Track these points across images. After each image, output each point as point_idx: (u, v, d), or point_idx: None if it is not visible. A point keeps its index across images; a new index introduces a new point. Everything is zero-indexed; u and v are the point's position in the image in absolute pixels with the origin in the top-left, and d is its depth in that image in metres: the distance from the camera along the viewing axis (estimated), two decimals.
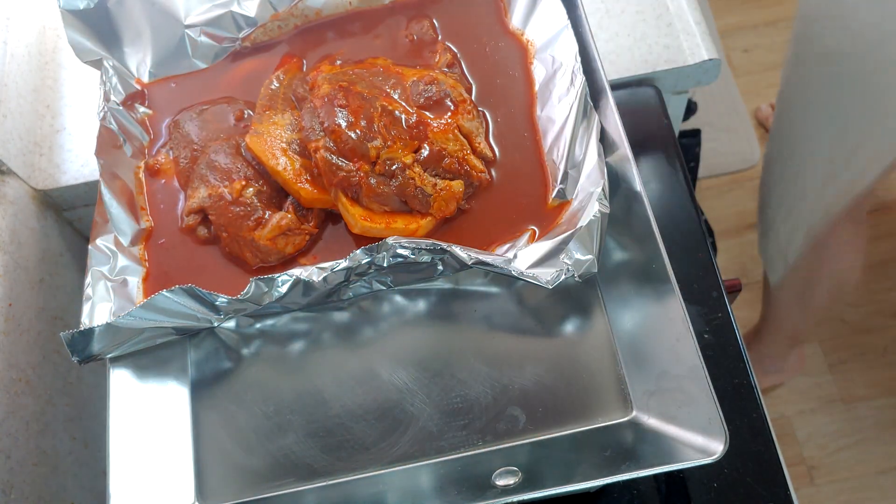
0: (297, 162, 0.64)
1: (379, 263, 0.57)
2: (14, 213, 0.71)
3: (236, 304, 0.57)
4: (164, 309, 0.56)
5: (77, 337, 0.56)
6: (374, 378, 0.59)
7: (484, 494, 0.52)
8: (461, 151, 0.64)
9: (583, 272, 0.57)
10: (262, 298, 0.57)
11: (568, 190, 0.62)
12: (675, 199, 0.73)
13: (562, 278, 0.56)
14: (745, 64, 1.91)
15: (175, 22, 0.73)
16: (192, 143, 0.69)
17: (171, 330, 0.59)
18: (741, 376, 0.65)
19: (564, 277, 0.57)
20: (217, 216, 0.64)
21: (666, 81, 0.79)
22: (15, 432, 0.63)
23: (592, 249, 0.57)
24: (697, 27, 0.79)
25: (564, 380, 0.59)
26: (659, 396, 0.57)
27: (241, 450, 0.57)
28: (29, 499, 0.63)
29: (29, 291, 0.70)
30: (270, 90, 0.69)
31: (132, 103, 0.71)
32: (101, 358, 0.58)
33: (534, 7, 0.70)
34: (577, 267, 0.57)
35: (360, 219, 0.62)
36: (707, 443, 0.51)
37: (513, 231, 0.63)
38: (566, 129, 0.63)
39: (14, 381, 0.65)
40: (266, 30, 0.74)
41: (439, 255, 0.57)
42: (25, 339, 0.68)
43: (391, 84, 0.66)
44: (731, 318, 0.68)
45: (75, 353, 0.57)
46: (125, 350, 0.59)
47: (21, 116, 0.76)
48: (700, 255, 0.70)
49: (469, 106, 0.66)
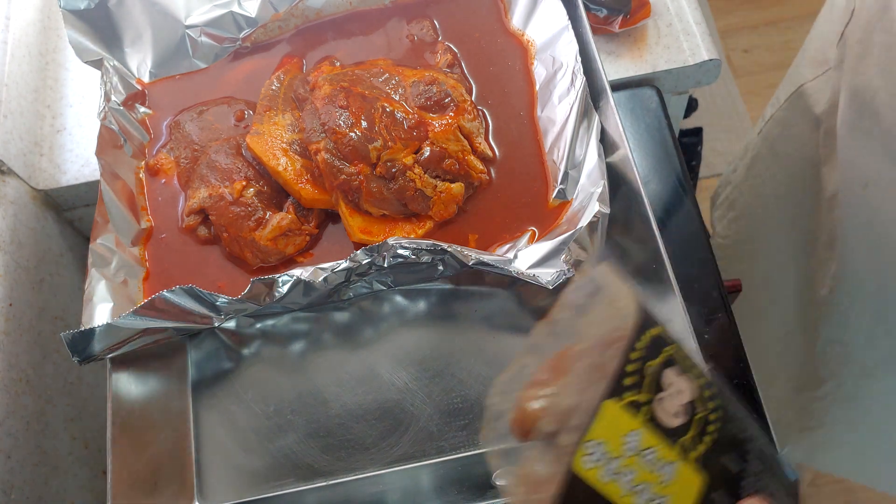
0: (297, 162, 0.64)
1: (379, 264, 0.57)
2: (14, 213, 0.71)
3: (236, 304, 0.57)
4: (164, 309, 0.56)
5: (77, 337, 0.56)
6: (375, 378, 0.59)
7: (484, 494, 0.52)
8: (462, 152, 0.64)
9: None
10: (263, 299, 0.57)
11: (568, 190, 0.62)
12: (675, 199, 0.73)
13: (562, 279, 0.56)
14: (745, 64, 1.91)
15: (176, 22, 0.73)
16: (193, 144, 0.69)
17: (171, 330, 0.59)
18: (741, 376, 0.65)
19: (565, 278, 0.57)
20: (217, 216, 0.64)
21: (666, 82, 0.79)
22: (15, 432, 0.63)
23: (593, 250, 0.57)
24: (697, 27, 0.79)
25: None
26: None
27: (241, 450, 0.57)
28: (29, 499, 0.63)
29: (29, 291, 0.70)
30: (271, 91, 0.69)
31: (133, 103, 0.71)
32: (101, 358, 0.58)
33: (534, 7, 0.70)
34: (577, 267, 0.57)
35: (358, 231, 0.62)
36: None
37: (513, 231, 0.63)
38: (566, 130, 0.63)
39: (14, 381, 0.65)
40: (266, 30, 0.74)
41: (440, 256, 0.57)
42: (26, 339, 0.68)
43: (392, 85, 0.66)
44: (731, 318, 0.67)
45: (75, 354, 0.57)
46: (125, 350, 0.59)
47: (21, 116, 0.76)
48: (700, 255, 0.70)
49: (469, 106, 0.66)
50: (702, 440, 0.32)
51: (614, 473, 0.30)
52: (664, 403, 0.32)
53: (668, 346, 0.34)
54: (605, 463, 0.30)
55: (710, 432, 0.32)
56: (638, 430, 0.31)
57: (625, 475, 0.30)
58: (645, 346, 0.33)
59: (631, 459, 0.30)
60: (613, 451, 0.30)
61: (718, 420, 0.33)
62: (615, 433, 0.30)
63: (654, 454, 0.31)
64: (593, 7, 0.78)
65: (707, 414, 0.33)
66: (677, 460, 0.31)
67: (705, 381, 0.34)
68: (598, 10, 0.78)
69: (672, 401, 0.32)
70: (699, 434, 0.32)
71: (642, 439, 0.31)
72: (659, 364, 0.33)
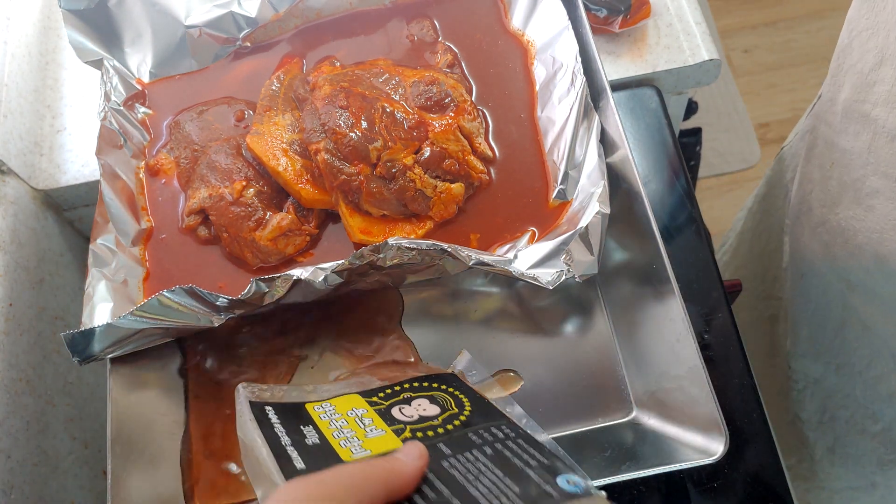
0: (297, 162, 0.64)
1: (379, 265, 0.57)
2: (14, 213, 0.71)
3: (237, 304, 0.57)
4: (164, 309, 0.56)
5: (77, 337, 0.56)
6: None
7: None
8: (462, 152, 0.64)
9: (583, 272, 0.57)
10: (263, 298, 0.57)
11: (568, 190, 0.63)
12: (675, 199, 0.73)
13: (562, 279, 0.56)
14: (745, 64, 1.91)
15: (175, 22, 0.73)
16: (193, 144, 0.69)
17: (171, 330, 0.59)
18: (741, 376, 0.65)
19: (565, 278, 0.57)
20: (217, 216, 0.64)
21: (666, 82, 0.79)
22: (15, 432, 0.63)
23: (593, 250, 0.57)
24: (697, 27, 0.79)
25: (565, 380, 0.59)
26: (659, 396, 0.57)
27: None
28: (29, 499, 0.63)
29: (29, 291, 0.70)
30: (271, 91, 0.69)
31: (133, 103, 0.71)
32: (101, 358, 0.58)
33: (534, 7, 0.70)
34: (577, 268, 0.57)
35: (357, 232, 0.62)
36: (707, 443, 0.51)
37: (513, 231, 0.63)
38: (567, 130, 0.63)
39: (14, 381, 0.65)
40: (266, 30, 0.74)
41: (439, 256, 0.57)
42: (26, 339, 0.68)
43: (392, 85, 0.66)
44: (731, 318, 0.68)
45: (76, 354, 0.57)
46: (126, 350, 0.59)
47: (21, 116, 0.76)
48: (700, 255, 0.70)
49: (470, 106, 0.66)
50: (425, 434, 0.45)
51: (333, 420, 0.46)
52: (403, 410, 0.48)
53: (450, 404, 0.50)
54: (331, 415, 0.47)
55: (431, 437, 0.45)
56: (364, 409, 0.48)
57: (341, 425, 0.46)
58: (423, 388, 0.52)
59: (350, 420, 0.46)
60: (339, 411, 0.48)
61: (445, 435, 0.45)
62: (346, 406, 0.49)
63: (371, 423, 0.46)
64: (593, 7, 0.78)
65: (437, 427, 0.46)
66: (387, 431, 0.45)
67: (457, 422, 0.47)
68: (598, 10, 0.78)
69: (409, 411, 0.48)
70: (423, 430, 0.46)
71: (364, 413, 0.47)
72: (419, 395, 0.50)
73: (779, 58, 1.90)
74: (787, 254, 0.79)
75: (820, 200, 0.65)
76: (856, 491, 0.82)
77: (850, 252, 0.61)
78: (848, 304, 0.68)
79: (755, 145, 1.77)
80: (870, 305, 0.64)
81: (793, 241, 0.76)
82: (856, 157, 0.57)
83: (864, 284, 0.63)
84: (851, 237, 0.60)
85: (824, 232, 0.65)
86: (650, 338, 0.58)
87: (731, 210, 1.75)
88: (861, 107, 0.56)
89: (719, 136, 1.77)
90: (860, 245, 0.59)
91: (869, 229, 0.57)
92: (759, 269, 0.90)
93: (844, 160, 0.59)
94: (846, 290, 0.66)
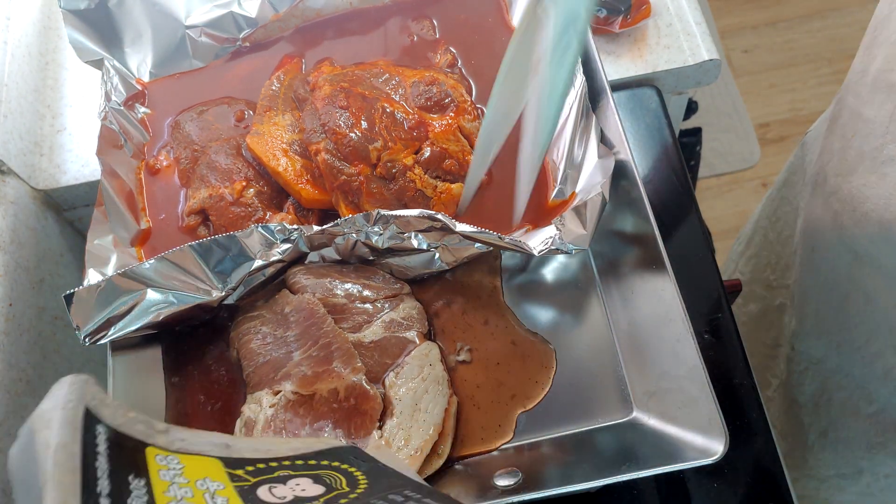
0: (297, 163, 0.64)
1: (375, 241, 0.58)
2: (14, 213, 0.71)
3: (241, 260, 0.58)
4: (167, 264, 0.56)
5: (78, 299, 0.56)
6: None
7: (485, 495, 0.52)
8: (462, 152, 0.64)
9: (573, 242, 0.56)
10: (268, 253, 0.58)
11: (567, 190, 0.63)
12: (675, 199, 0.73)
13: (550, 246, 0.56)
14: (745, 64, 1.91)
15: (176, 22, 0.73)
16: (193, 144, 0.69)
17: (174, 301, 0.58)
18: (741, 376, 0.65)
19: (554, 246, 0.56)
20: (218, 216, 0.64)
21: (666, 82, 0.79)
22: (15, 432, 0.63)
23: (587, 226, 0.57)
24: (697, 27, 0.79)
25: (564, 380, 0.59)
26: (659, 397, 0.57)
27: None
28: None
29: (29, 291, 0.70)
30: (271, 91, 0.69)
31: (133, 103, 0.71)
32: (103, 338, 0.57)
33: None
34: (567, 235, 0.56)
35: None
36: (707, 443, 0.51)
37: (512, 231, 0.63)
38: (566, 130, 0.63)
39: (14, 381, 0.65)
40: (266, 30, 0.74)
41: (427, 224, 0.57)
42: (26, 339, 0.68)
43: (392, 85, 0.66)
44: (731, 318, 0.68)
45: (76, 319, 0.56)
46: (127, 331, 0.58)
47: (21, 116, 0.76)
48: (700, 255, 0.70)
49: (470, 106, 0.66)
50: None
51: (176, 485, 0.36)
52: (274, 490, 0.39)
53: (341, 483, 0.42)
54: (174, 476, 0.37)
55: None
56: (221, 483, 0.38)
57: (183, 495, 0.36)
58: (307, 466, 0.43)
59: (198, 493, 0.37)
60: (188, 475, 0.38)
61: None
62: (199, 471, 0.38)
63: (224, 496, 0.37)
64: None
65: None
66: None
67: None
68: (598, 10, 0.78)
69: (281, 491, 0.40)
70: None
71: (218, 489, 0.38)
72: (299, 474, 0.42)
73: (779, 58, 1.90)
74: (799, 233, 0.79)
75: (836, 170, 0.66)
76: (842, 479, 0.83)
77: (857, 220, 0.62)
78: (853, 277, 0.68)
79: (755, 145, 1.77)
80: (874, 277, 0.65)
81: (807, 215, 0.76)
82: (877, 126, 0.58)
83: (869, 254, 0.63)
84: (860, 205, 0.61)
85: (835, 201, 0.65)
86: (650, 338, 0.58)
87: (732, 210, 1.76)
88: (889, 76, 0.57)
89: (719, 136, 1.77)
90: (867, 213, 0.60)
91: (878, 196, 0.58)
92: (772, 256, 0.91)
93: (866, 129, 0.60)
94: (852, 262, 0.67)
